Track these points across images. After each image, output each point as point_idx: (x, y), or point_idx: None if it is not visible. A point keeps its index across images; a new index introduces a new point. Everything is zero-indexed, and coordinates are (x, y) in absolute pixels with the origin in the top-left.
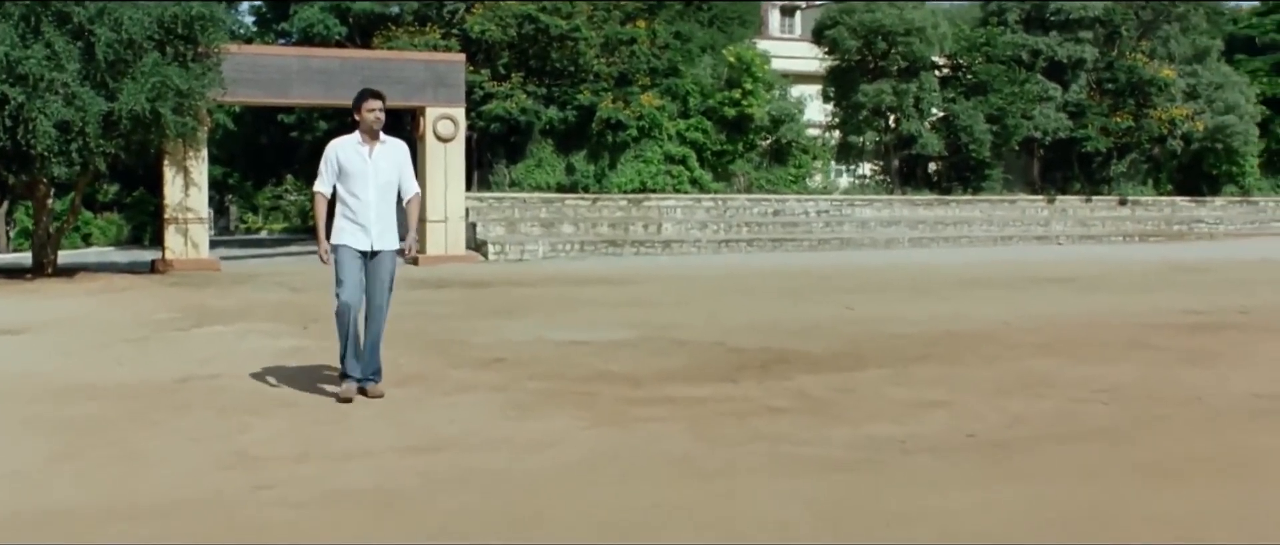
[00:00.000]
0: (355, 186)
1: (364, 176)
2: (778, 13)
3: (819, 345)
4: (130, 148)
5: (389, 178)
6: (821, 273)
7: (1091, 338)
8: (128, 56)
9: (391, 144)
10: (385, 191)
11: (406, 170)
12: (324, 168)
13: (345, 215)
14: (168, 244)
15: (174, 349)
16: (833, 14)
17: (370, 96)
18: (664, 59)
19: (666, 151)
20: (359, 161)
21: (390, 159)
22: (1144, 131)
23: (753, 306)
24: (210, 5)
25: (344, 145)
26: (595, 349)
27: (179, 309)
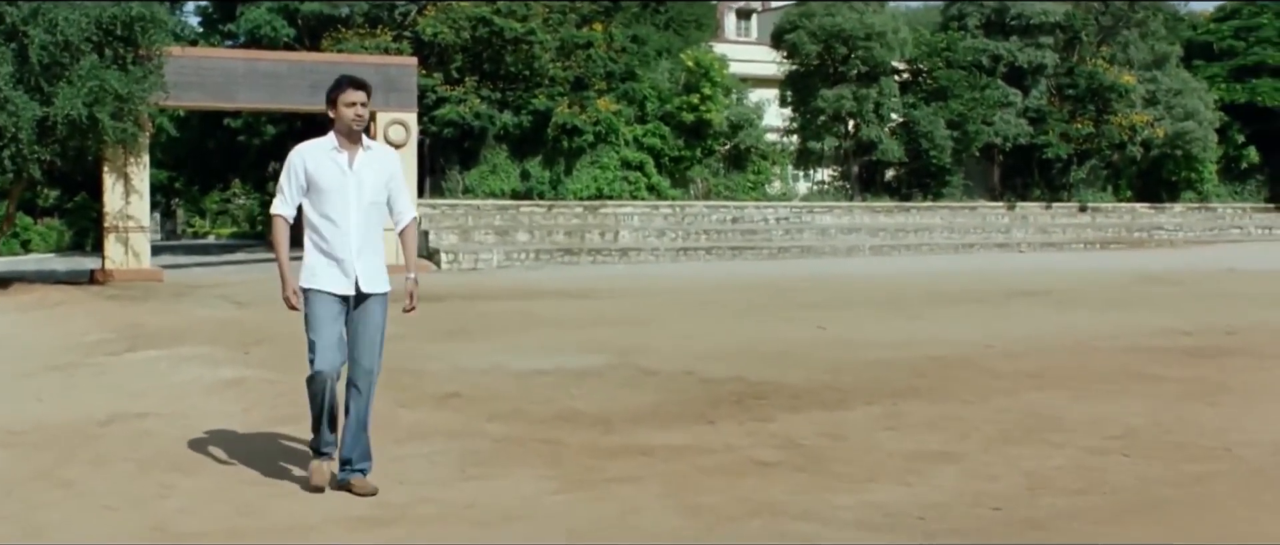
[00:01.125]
0: (331, 207)
1: (343, 193)
2: (733, 15)
3: (796, 375)
4: (67, 154)
5: (376, 195)
6: (785, 285)
7: (1083, 366)
8: (64, 59)
9: (378, 151)
10: (371, 214)
11: (398, 185)
12: (286, 182)
13: (318, 247)
14: (108, 253)
15: (102, 380)
16: (792, 17)
17: (350, 86)
18: (621, 63)
19: (624, 157)
20: (335, 173)
21: (377, 170)
22: (1104, 138)
23: (719, 326)
24: (151, 6)
25: (314, 152)
26: (558, 380)
27: (113, 328)
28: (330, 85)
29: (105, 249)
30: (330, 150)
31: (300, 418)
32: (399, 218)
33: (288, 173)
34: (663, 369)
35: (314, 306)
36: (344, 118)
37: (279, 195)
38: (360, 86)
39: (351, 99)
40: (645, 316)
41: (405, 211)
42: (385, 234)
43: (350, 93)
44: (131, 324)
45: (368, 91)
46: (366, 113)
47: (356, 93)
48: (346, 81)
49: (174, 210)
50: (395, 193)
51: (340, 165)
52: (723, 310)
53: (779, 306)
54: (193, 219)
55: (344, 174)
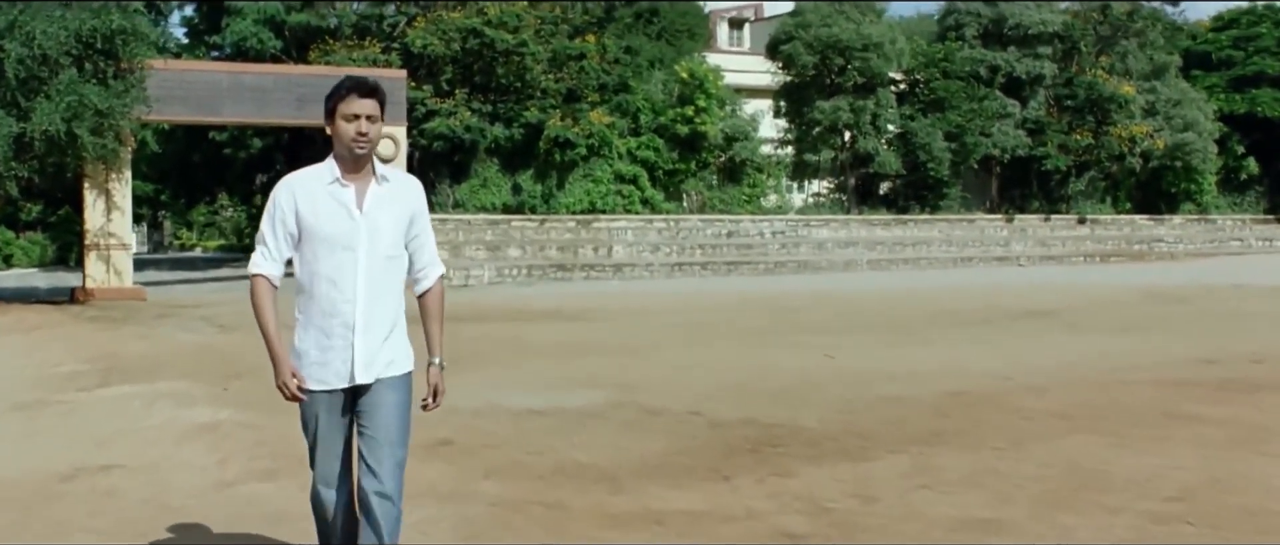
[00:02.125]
0: (330, 263)
1: (348, 243)
2: (726, 25)
3: (811, 415)
4: (45, 171)
5: (393, 246)
6: (785, 304)
7: (1113, 403)
8: (42, 73)
9: (397, 183)
10: (386, 272)
11: (423, 230)
12: (269, 228)
13: (312, 322)
14: (89, 272)
15: (69, 422)
16: (788, 28)
17: (353, 92)
18: (614, 75)
19: (617, 171)
20: (338, 216)
21: (395, 211)
22: (1104, 149)
23: (721, 355)
24: (132, 18)
25: (308, 185)
26: (557, 422)
27: (88, 358)
28: (329, 93)
29: (86, 267)
30: (330, 183)
31: (282, 472)
32: (422, 276)
33: (271, 215)
34: (668, 408)
35: (305, 408)
36: (343, 135)
37: (260, 247)
38: (369, 92)
39: (354, 109)
40: (644, 343)
41: (430, 267)
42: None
43: (353, 101)
44: (107, 353)
45: (380, 100)
46: (375, 131)
47: (362, 101)
48: (349, 85)
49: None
50: (419, 241)
51: (344, 205)
52: (723, 335)
53: (781, 330)
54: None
55: (350, 217)
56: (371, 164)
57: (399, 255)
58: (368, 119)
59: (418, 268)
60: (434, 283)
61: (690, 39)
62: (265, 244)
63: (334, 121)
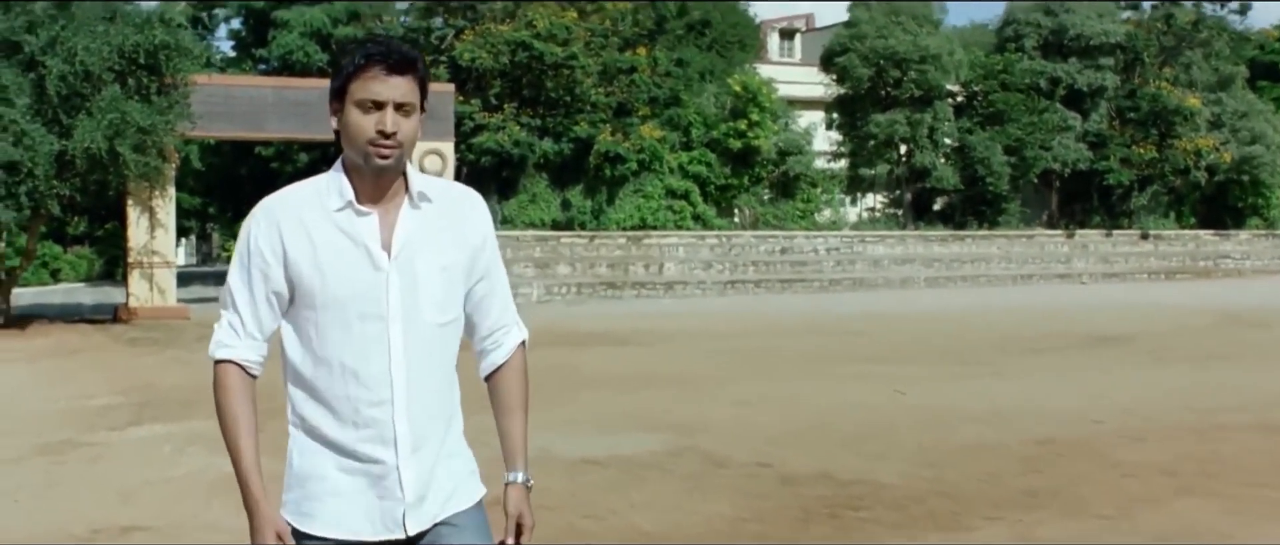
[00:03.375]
0: (346, 342)
1: (373, 309)
2: (777, 36)
3: (890, 469)
4: (87, 189)
5: (444, 303)
6: (845, 328)
7: (1217, 454)
8: (84, 90)
9: (444, 199)
10: (436, 345)
11: (490, 269)
12: (239, 282)
13: (320, 438)
14: (132, 290)
15: (94, 470)
16: (843, 40)
17: (378, 64)
18: (665, 88)
19: (668, 186)
20: (353, 263)
21: (444, 244)
22: (1168, 163)
23: (784, 389)
24: (176, 33)
25: (298, 212)
26: (614, 475)
27: (123, 389)
28: (339, 68)
29: (129, 286)
30: (337, 210)
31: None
32: (492, 344)
33: (243, 264)
34: (733, 458)
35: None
36: (356, 134)
37: (226, 314)
38: (400, 67)
39: (376, 91)
40: (701, 373)
41: (506, 329)
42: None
43: (374, 79)
44: (143, 384)
45: (418, 80)
46: (409, 130)
47: (391, 80)
48: (370, 55)
49: (209, 234)
50: (487, 290)
51: (362, 244)
52: (783, 363)
53: (844, 358)
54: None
55: (373, 265)
56: (404, 177)
57: (455, 318)
58: (399, 109)
59: (485, 332)
60: (513, 354)
61: (741, 50)
62: (235, 309)
63: (344, 111)
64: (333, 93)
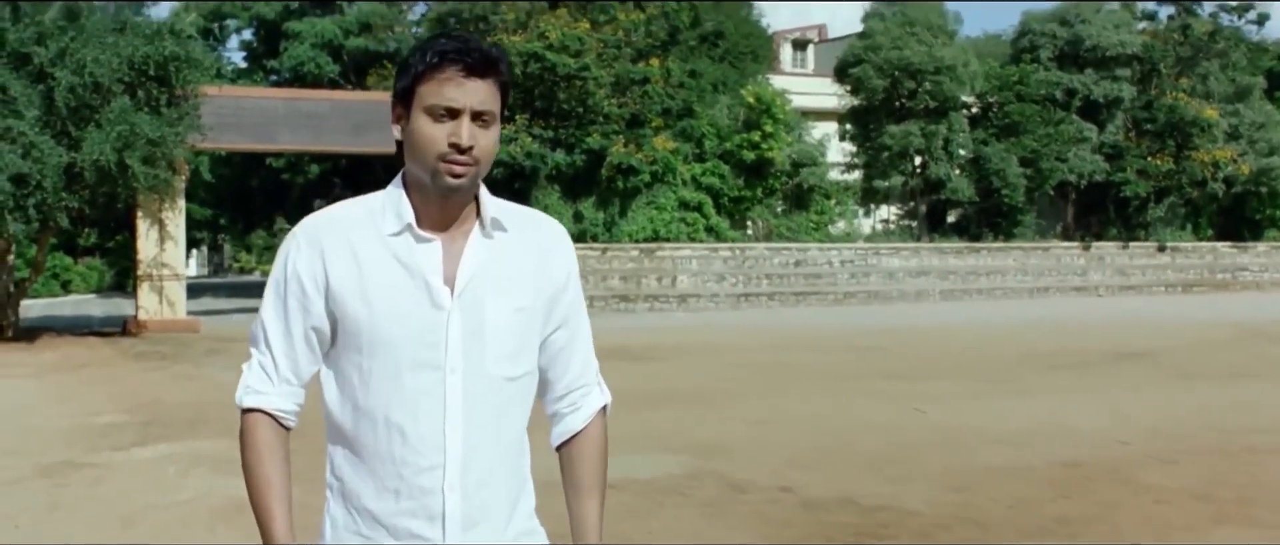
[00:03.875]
0: (396, 392)
1: (429, 356)
2: (789, 47)
3: (915, 494)
4: (96, 201)
5: (515, 353)
6: (861, 342)
7: (1253, 479)
8: (93, 101)
9: (521, 227)
10: (503, 402)
11: (571, 315)
12: (274, 316)
13: (360, 503)
14: (141, 303)
15: (96, 493)
16: (857, 51)
17: (454, 63)
18: (678, 99)
19: (681, 198)
20: (409, 297)
21: (518, 281)
22: (1185, 174)
23: (802, 408)
24: (187, 44)
25: (346, 236)
26: (632, 499)
27: (129, 406)
28: (404, 60)
29: (139, 298)
30: (393, 234)
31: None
32: (567, 405)
33: (278, 293)
34: (753, 482)
35: None
36: (423, 147)
37: (256, 354)
38: (480, 68)
39: (451, 96)
40: (717, 390)
41: (585, 389)
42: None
43: (451, 81)
44: (150, 401)
45: (500, 84)
46: (489, 143)
47: (470, 84)
48: (445, 52)
49: (220, 245)
50: (566, 340)
51: (421, 277)
52: (801, 380)
53: (862, 374)
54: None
55: (432, 302)
56: (476, 200)
57: (527, 373)
58: (476, 119)
59: (561, 391)
60: (592, 421)
61: (754, 61)
62: (267, 347)
63: (410, 118)
64: (397, 96)
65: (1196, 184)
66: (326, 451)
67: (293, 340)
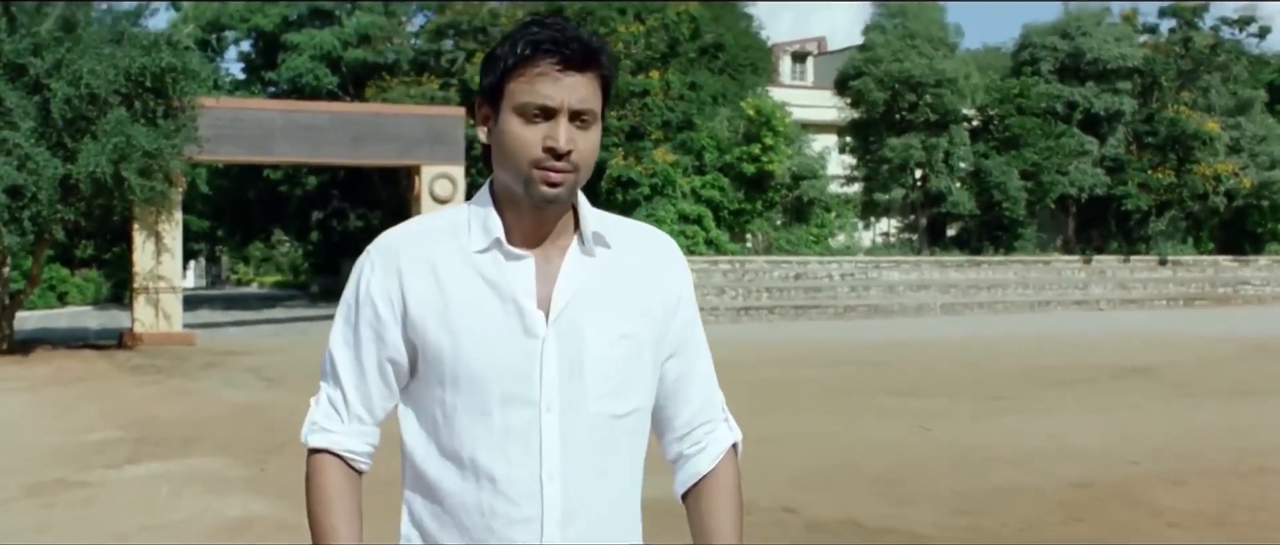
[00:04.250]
0: (484, 432)
1: (521, 391)
2: (789, 59)
3: (923, 517)
4: (92, 213)
5: (623, 387)
6: (863, 357)
7: (1265, 500)
8: (89, 113)
9: (628, 244)
10: (611, 442)
11: (688, 342)
12: (344, 343)
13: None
14: (137, 315)
15: (87, 513)
16: (857, 63)
17: (549, 55)
18: (678, 111)
19: (681, 210)
20: (500, 323)
21: (625, 306)
22: (1186, 188)
23: (806, 426)
24: (184, 56)
25: (427, 254)
26: None
27: (123, 422)
28: (492, 53)
29: (134, 311)
30: (481, 251)
31: None
32: (691, 445)
33: (349, 318)
34: (756, 502)
35: None
36: (516, 151)
37: (326, 386)
38: (579, 61)
39: (547, 93)
40: None
41: (709, 425)
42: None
43: (546, 76)
44: (144, 417)
45: (601, 76)
46: (589, 146)
47: (567, 79)
48: (539, 43)
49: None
50: (681, 370)
51: (512, 300)
52: (803, 395)
53: (864, 391)
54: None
55: (524, 329)
56: (575, 212)
57: (637, 409)
58: (575, 119)
59: (682, 429)
60: (720, 462)
61: (753, 73)
62: (336, 381)
63: (499, 119)
64: (484, 94)
65: (1198, 197)
66: (403, 498)
67: (365, 373)
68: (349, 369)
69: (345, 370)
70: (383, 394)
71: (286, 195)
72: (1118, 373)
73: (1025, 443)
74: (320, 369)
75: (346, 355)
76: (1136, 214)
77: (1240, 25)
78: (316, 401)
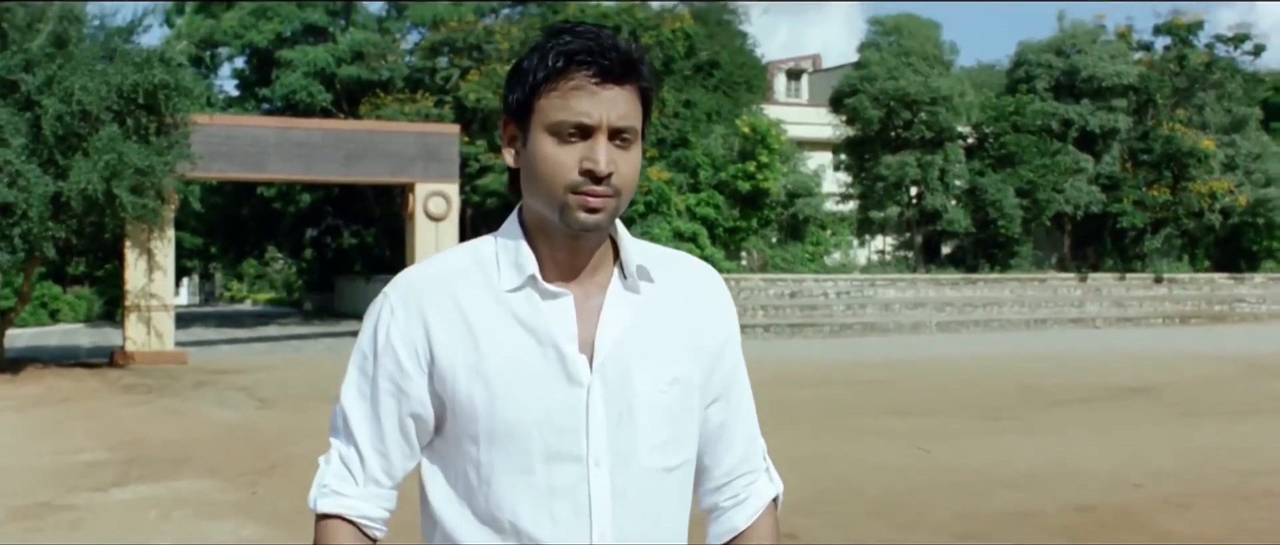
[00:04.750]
0: (526, 491)
1: (567, 443)
2: (784, 77)
3: (925, 542)
4: (83, 231)
5: (675, 437)
6: (861, 376)
7: (1273, 524)
8: (81, 130)
9: (672, 277)
10: (662, 498)
11: (732, 384)
12: (357, 396)
13: None
14: (129, 334)
15: (72, 536)
16: (852, 81)
17: (585, 66)
18: (673, 129)
19: (675, 228)
20: (537, 370)
21: (673, 348)
22: (1182, 205)
23: (805, 448)
24: (176, 72)
25: (452, 294)
26: None
27: (111, 444)
28: (519, 64)
29: (126, 329)
30: (513, 289)
31: None
32: (729, 495)
33: (364, 372)
34: None
35: None
36: (551, 176)
37: (336, 444)
38: (619, 72)
39: (584, 109)
40: None
41: (750, 476)
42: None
43: (582, 90)
44: (133, 438)
45: (640, 90)
46: (631, 168)
47: (606, 93)
48: (573, 53)
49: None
50: (725, 416)
51: (547, 339)
52: (800, 416)
53: (862, 411)
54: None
55: (567, 375)
56: (612, 241)
57: (687, 461)
58: (615, 137)
59: (721, 478)
60: (760, 517)
61: (748, 91)
62: (350, 439)
63: (528, 139)
64: (510, 112)
65: (1193, 215)
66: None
67: (383, 431)
68: (365, 426)
69: (361, 427)
70: (403, 454)
71: (280, 212)
72: (1117, 392)
73: (1026, 465)
74: (330, 424)
75: (362, 410)
76: (1132, 231)
77: (1235, 43)
78: (327, 461)
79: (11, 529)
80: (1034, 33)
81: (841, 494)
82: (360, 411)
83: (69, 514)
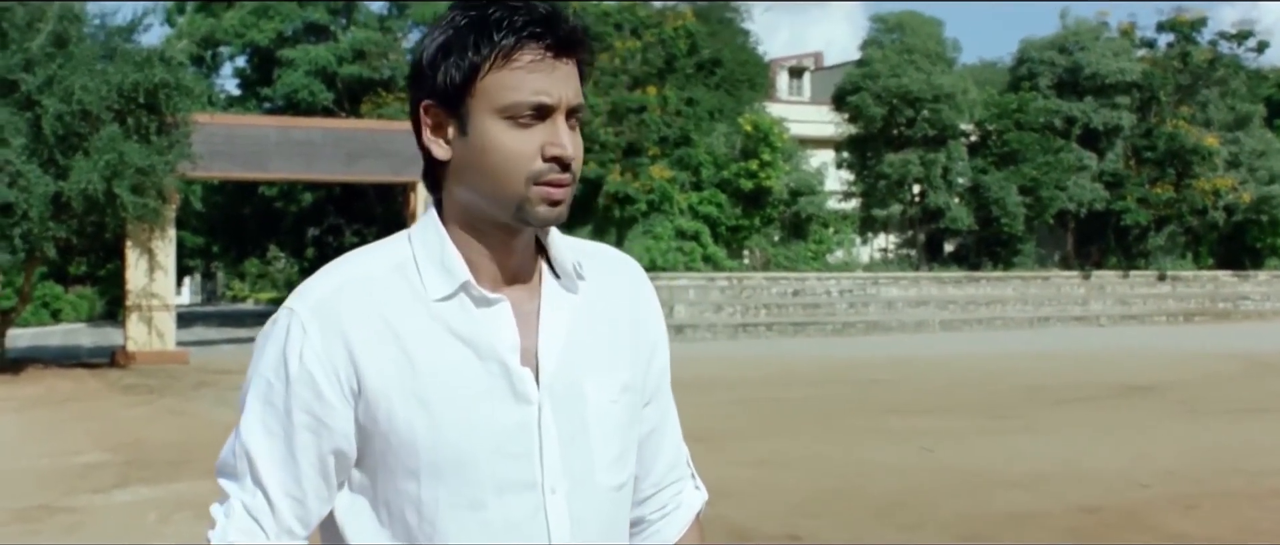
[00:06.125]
0: (470, 535)
1: (520, 470)
2: (786, 74)
3: (930, 543)
4: (84, 231)
5: (621, 459)
6: (863, 375)
7: None
8: (81, 130)
9: (602, 269)
10: (613, 529)
11: (666, 392)
12: (261, 436)
13: None
14: (130, 334)
15: (71, 539)
16: (855, 79)
17: (536, 37)
18: (675, 127)
19: (678, 227)
20: (482, 391)
21: (616, 353)
22: (1185, 203)
23: (808, 447)
24: (177, 72)
25: (375, 308)
26: None
27: (111, 446)
28: (449, 33)
29: (127, 329)
30: (444, 299)
31: None
32: (655, 507)
33: (270, 406)
34: (759, 529)
35: None
36: (508, 163)
37: (236, 490)
38: (567, 44)
39: (539, 87)
40: (719, 428)
41: (677, 485)
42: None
43: (537, 65)
44: (133, 440)
45: (582, 68)
46: (580, 149)
47: (558, 66)
48: (520, 26)
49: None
50: (655, 421)
51: (488, 353)
52: (803, 416)
53: (866, 410)
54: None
55: (513, 393)
56: (553, 235)
57: (631, 476)
58: (571, 117)
59: (650, 488)
60: (688, 530)
61: (751, 89)
62: (257, 482)
63: (469, 127)
64: (436, 96)
65: (1197, 212)
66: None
67: (300, 473)
68: (276, 467)
69: (270, 469)
70: (320, 498)
71: (282, 211)
72: (1122, 391)
73: (1031, 465)
74: (224, 468)
75: (272, 449)
76: (1135, 229)
77: (1239, 40)
78: (226, 512)
79: (11, 531)
80: (1037, 30)
81: (845, 494)
82: (269, 451)
83: (69, 516)
